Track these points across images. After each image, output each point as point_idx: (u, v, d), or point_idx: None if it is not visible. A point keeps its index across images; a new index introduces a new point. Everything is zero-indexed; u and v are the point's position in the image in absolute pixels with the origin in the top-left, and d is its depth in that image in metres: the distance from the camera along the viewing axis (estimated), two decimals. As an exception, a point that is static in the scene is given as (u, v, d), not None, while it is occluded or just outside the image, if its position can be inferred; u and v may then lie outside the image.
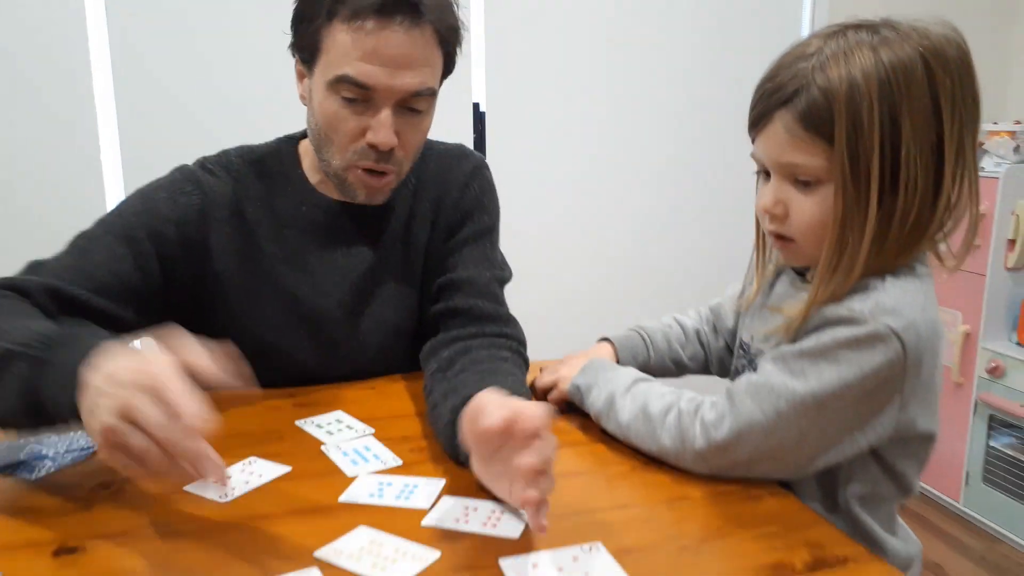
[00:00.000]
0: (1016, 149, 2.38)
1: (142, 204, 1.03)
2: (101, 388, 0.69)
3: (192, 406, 0.65)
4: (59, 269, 0.95)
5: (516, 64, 2.30)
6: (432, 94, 1.02)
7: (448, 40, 1.01)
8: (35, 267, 0.96)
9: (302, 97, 1.05)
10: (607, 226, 2.48)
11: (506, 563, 0.69)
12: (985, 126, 2.47)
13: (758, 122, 0.83)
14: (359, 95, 0.97)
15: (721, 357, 1.14)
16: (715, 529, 0.75)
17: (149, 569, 0.68)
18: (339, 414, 1.00)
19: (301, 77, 1.04)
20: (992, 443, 2.43)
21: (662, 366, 1.13)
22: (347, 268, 1.11)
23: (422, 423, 0.99)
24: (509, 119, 2.33)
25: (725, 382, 0.97)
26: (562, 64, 2.35)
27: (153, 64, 1.96)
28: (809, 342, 0.81)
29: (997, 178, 2.34)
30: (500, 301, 1.12)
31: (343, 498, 0.80)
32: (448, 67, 1.05)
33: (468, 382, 0.91)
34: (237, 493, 0.81)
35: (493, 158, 2.33)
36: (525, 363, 1.07)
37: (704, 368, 1.15)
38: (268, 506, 0.79)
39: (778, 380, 0.81)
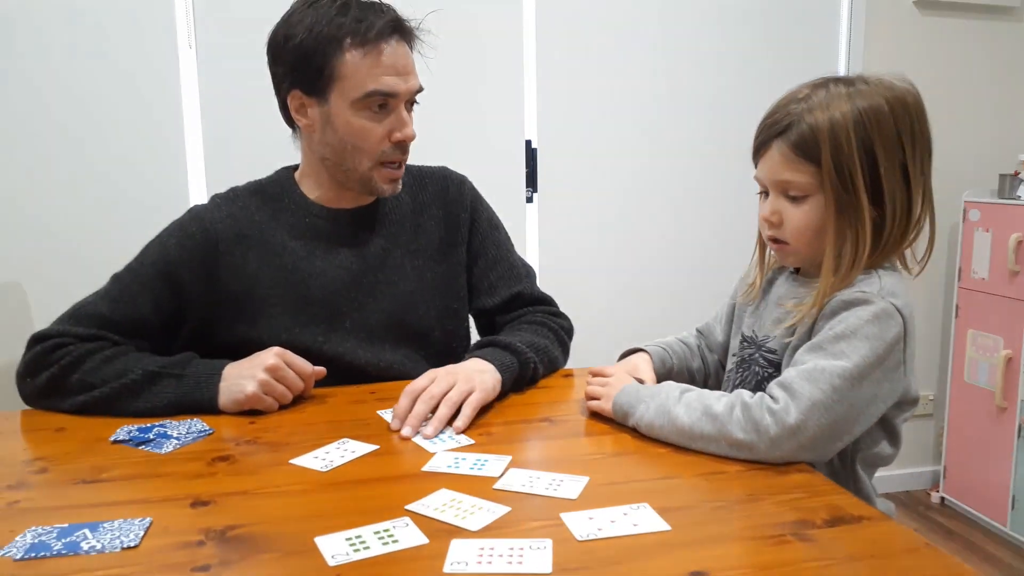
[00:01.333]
0: (1052, 177, 2.44)
1: (158, 252, 1.26)
2: (241, 370, 1.15)
3: (304, 362, 1.17)
4: (98, 318, 1.21)
5: (566, 102, 2.46)
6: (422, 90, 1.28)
7: (414, 48, 1.26)
8: (78, 312, 1.22)
9: (307, 127, 1.26)
10: (654, 255, 2.60)
11: (566, 516, 0.81)
12: (1019, 156, 2.55)
13: (759, 149, 1.05)
14: (383, 103, 1.21)
15: (716, 370, 1.28)
16: (747, 495, 0.86)
17: (268, 516, 0.82)
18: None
19: (302, 108, 1.24)
20: (1038, 467, 2.46)
21: (679, 377, 1.24)
22: (351, 265, 1.30)
23: (489, 413, 1.13)
24: (559, 154, 2.49)
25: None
26: (610, 101, 2.50)
27: (237, 74, 2.16)
28: (839, 326, 0.96)
29: (1033, 206, 2.41)
30: (549, 299, 1.44)
31: (425, 468, 0.94)
32: None
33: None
34: (335, 464, 0.95)
35: (544, 191, 2.48)
36: (553, 332, 1.35)
37: (704, 380, 1.28)
38: (362, 474, 0.93)
39: (825, 363, 0.94)
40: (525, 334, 1.30)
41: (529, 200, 2.49)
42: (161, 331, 1.24)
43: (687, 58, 2.54)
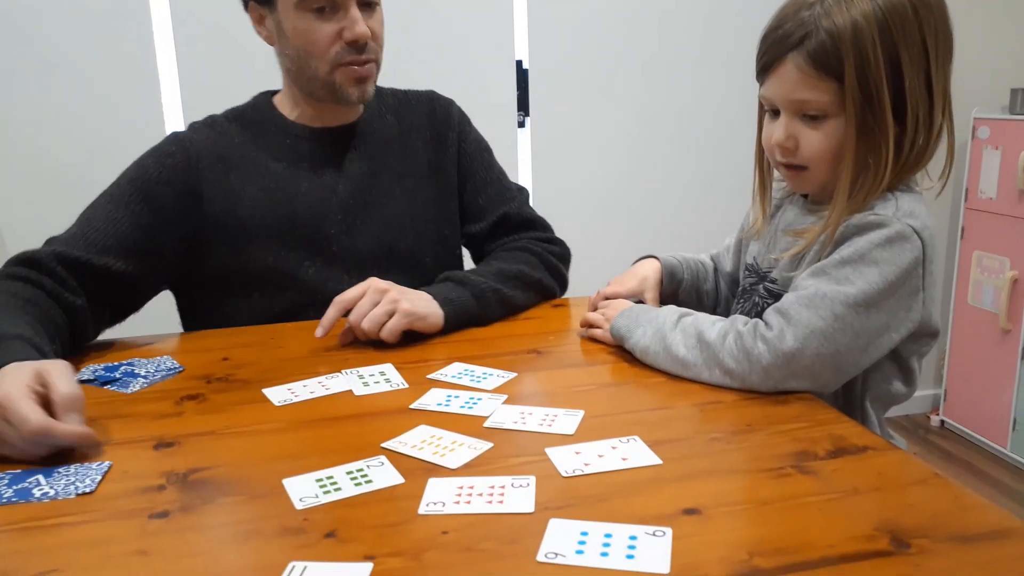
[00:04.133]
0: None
1: (135, 171, 1.19)
2: None
3: (31, 421, 0.74)
4: (67, 238, 1.11)
5: (558, 22, 2.34)
6: None
7: None
8: (50, 241, 1.12)
9: (268, 38, 1.21)
10: (650, 179, 2.52)
11: (551, 451, 0.76)
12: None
13: (769, 66, 0.92)
14: (326, 3, 1.13)
15: (726, 298, 1.21)
16: (744, 426, 0.81)
17: (235, 457, 0.77)
18: (386, 367, 1.00)
19: (261, 20, 1.20)
20: (1040, 389, 2.43)
21: (687, 295, 1.19)
22: (337, 186, 1.24)
23: (462, 344, 1.07)
24: (551, 76, 2.37)
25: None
26: (604, 21, 2.38)
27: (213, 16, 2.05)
28: (846, 250, 0.88)
29: (1046, 120, 2.31)
30: (540, 222, 1.38)
31: (414, 405, 0.88)
32: None
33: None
34: (308, 397, 0.90)
35: (536, 115, 2.38)
36: (536, 255, 1.29)
37: (713, 306, 1.21)
38: (339, 411, 0.88)
39: (828, 288, 0.87)
40: (498, 263, 1.24)
41: (521, 125, 2.40)
42: (140, 251, 1.14)
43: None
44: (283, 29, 1.17)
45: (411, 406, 0.88)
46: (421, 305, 1.10)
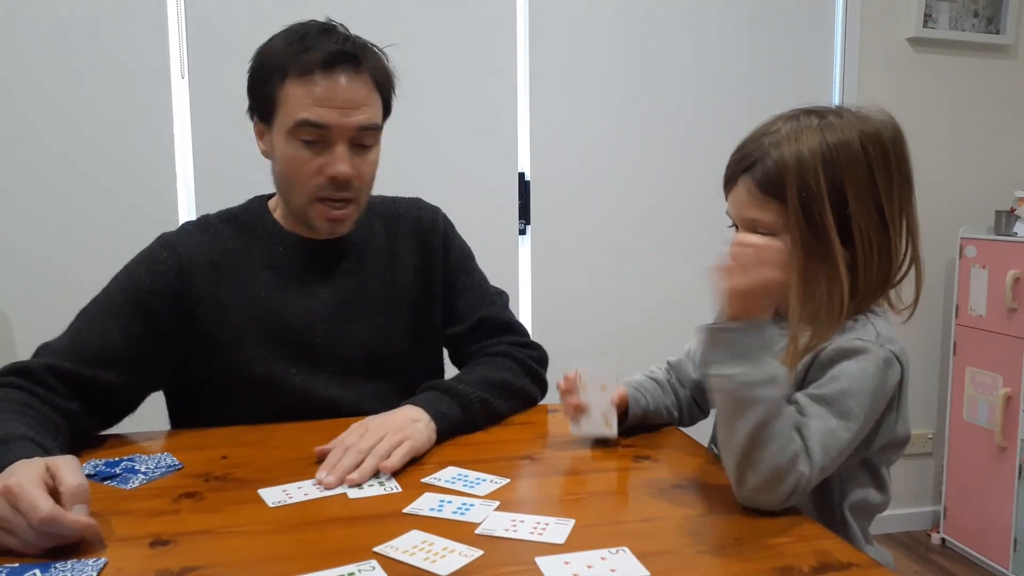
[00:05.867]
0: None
1: (127, 279, 1.20)
2: None
3: (41, 509, 0.77)
4: (59, 349, 1.14)
5: (559, 136, 2.46)
6: (377, 129, 1.21)
7: (384, 85, 1.21)
8: (41, 350, 1.15)
9: (264, 152, 1.24)
10: (648, 287, 2.58)
11: (541, 560, 0.77)
12: (1015, 192, 2.54)
13: (727, 184, 1.02)
14: (317, 136, 1.16)
15: (689, 406, 1.24)
16: (732, 539, 0.83)
17: (229, 557, 0.79)
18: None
19: (261, 135, 1.23)
20: (1040, 508, 2.41)
21: (656, 416, 1.19)
22: (327, 298, 1.27)
23: (465, 451, 1.09)
24: (552, 187, 2.47)
25: None
26: (603, 134, 2.49)
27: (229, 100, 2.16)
28: (845, 380, 0.92)
29: (1029, 242, 2.38)
30: (517, 327, 1.40)
31: (407, 510, 0.89)
32: (387, 110, 1.24)
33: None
34: (302, 499, 0.92)
35: (537, 225, 2.46)
36: (518, 362, 1.31)
37: (679, 417, 1.23)
38: (332, 513, 0.89)
39: (836, 424, 0.90)
40: (482, 370, 1.27)
41: (522, 232, 2.48)
42: (131, 362, 1.16)
43: (680, 94, 2.54)
44: (275, 150, 1.20)
45: (404, 510, 0.89)
46: (422, 433, 1.08)
